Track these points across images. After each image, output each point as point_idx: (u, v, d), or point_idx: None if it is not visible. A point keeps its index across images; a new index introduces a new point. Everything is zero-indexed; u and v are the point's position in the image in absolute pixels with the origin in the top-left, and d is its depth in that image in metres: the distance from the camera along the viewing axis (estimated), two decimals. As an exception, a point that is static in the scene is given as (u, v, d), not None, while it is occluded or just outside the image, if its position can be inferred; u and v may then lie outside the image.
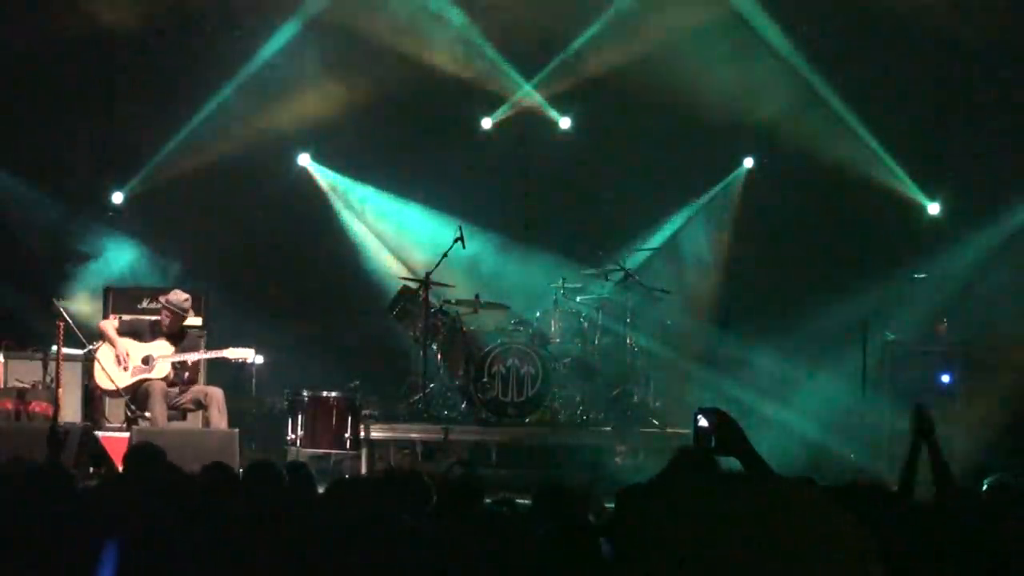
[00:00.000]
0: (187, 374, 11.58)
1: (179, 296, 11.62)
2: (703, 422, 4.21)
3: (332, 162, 15.25)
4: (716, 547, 2.54)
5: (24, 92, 14.50)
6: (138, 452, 6.47)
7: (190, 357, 11.52)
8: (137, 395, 11.39)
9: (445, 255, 13.05)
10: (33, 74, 14.51)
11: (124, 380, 11.43)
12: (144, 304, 12.81)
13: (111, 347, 11.52)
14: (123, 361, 11.42)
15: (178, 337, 11.65)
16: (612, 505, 5.80)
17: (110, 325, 11.72)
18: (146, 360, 11.48)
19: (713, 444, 4.17)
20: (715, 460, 4.41)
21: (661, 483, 4.64)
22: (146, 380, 11.39)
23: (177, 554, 4.62)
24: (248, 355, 11.62)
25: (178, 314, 11.60)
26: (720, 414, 4.21)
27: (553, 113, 15.23)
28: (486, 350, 12.74)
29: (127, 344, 11.50)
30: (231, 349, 11.57)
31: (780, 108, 14.62)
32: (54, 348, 11.60)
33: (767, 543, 2.52)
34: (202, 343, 12.12)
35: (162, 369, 11.45)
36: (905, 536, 4.56)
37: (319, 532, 4.68)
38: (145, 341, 11.56)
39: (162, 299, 11.70)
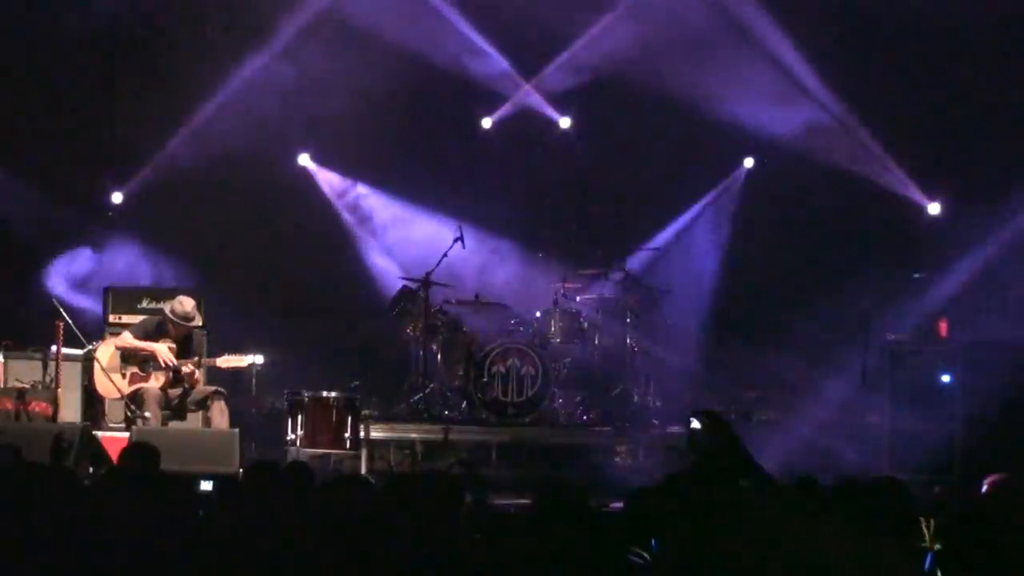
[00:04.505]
0: (186, 377, 11.50)
1: (185, 306, 11.44)
2: (696, 424, 4.23)
3: (332, 162, 15.25)
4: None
5: (24, 92, 14.50)
6: (134, 451, 6.48)
7: (184, 368, 11.38)
8: (135, 397, 11.36)
9: (445, 255, 13.09)
10: (33, 74, 14.51)
11: (123, 388, 11.38)
12: (144, 304, 12.77)
13: (143, 353, 11.37)
14: (153, 365, 11.32)
15: (185, 341, 11.56)
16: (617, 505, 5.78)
17: (128, 338, 11.50)
18: (144, 367, 11.44)
19: (706, 445, 4.18)
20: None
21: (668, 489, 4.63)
22: (142, 388, 11.35)
23: (170, 552, 4.62)
24: (241, 363, 11.55)
25: (184, 326, 11.50)
26: (713, 416, 4.23)
27: (553, 113, 15.23)
28: (486, 350, 12.75)
29: (155, 347, 11.36)
30: (225, 357, 11.51)
31: (780, 108, 14.63)
32: (54, 348, 11.59)
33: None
34: (204, 343, 12.08)
35: (159, 377, 11.41)
36: (904, 534, 4.56)
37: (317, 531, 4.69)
38: (153, 341, 11.46)
39: (167, 311, 11.49)
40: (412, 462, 12.37)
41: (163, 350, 11.34)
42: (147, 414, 11.16)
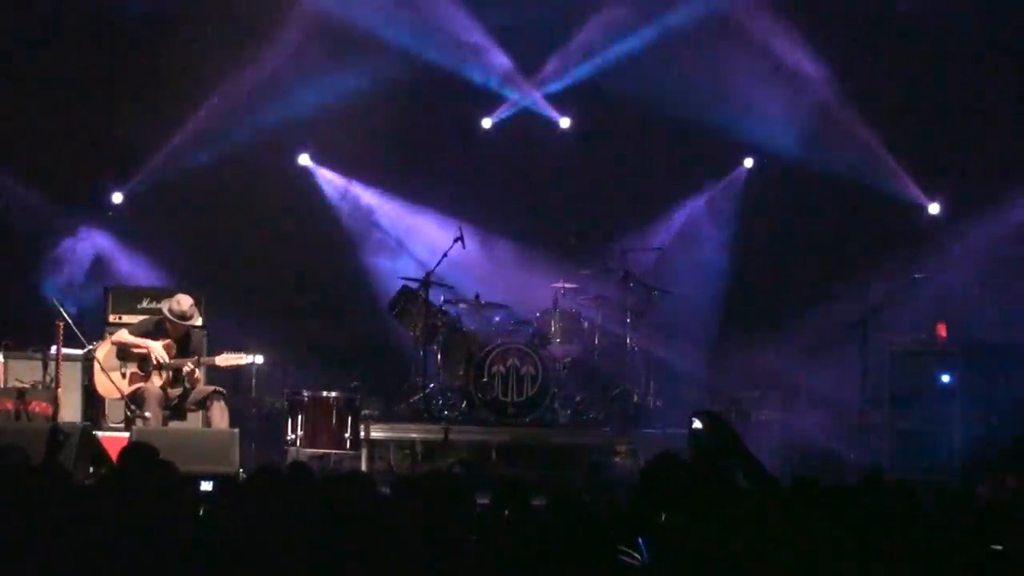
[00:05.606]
0: (187, 376, 11.50)
1: (182, 305, 11.44)
2: (698, 424, 4.22)
3: (332, 162, 15.25)
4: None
5: (24, 92, 14.49)
6: (133, 451, 6.48)
7: (184, 367, 11.37)
8: (135, 397, 11.36)
9: (445, 255, 13.10)
10: (33, 73, 14.51)
11: (123, 389, 11.37)
12: (144, 304, 12.77)
13: (138, 351, 11.37)
14: (150, 362, 11.32)
15: (183, 340, 11.56)
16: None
17: (125, 334, 11.50)
18: (143, 367, 11.43)
19: (708, 446, 4.18)
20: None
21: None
22: (142, 388, 11.34)
23: (170, 552, 4.62)
24: (239, 361, 11.54)
25: (181, 324, 11.49)
26: (715, 416, 4.22)
27: (553, 113, 15.23)
28: (486, 350, 12.75)
29: (151, 344, 11.36)
30: (224, 355, 11.51)
31: (780, 108, 14.63)
32: (54, 348, 11.59)
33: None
34: (204, 343, 12.09)
35: (159, 377, 11.40)
36: (905, 534, 4.57)
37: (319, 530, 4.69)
38: (151, 340, 11.46)
39: (165, 311, 11.50)
40: (412, 462, 12.39)
41: (157, 348, 11.33)
42: (147, 414, 11.16)
